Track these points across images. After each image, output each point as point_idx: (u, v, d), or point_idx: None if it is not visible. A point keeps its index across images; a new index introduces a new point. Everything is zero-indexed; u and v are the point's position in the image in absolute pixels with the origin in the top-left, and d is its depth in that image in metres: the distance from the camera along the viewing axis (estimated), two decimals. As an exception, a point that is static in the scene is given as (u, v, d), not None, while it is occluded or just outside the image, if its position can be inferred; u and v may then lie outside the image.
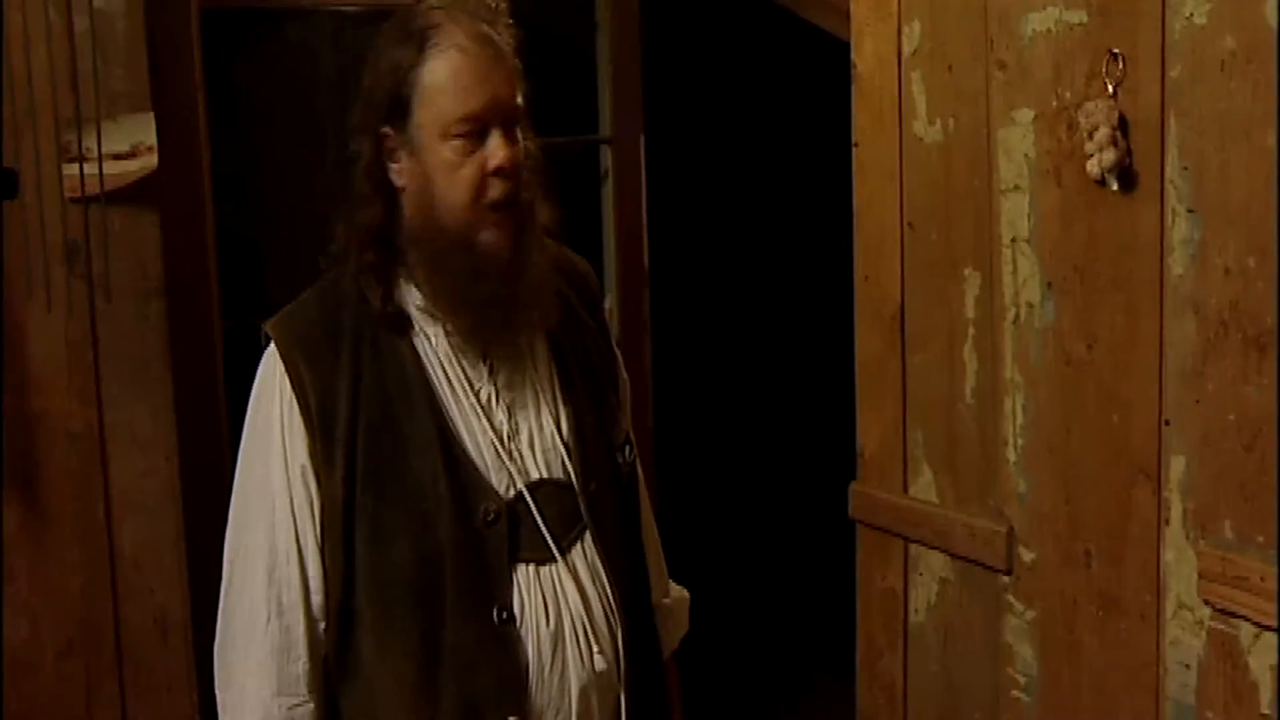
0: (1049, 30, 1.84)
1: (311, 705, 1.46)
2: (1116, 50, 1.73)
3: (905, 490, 2.22)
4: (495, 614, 1.45)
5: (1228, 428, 1.65)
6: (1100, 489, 1.84)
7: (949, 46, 2.03)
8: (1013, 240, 1.94)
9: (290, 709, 1.45)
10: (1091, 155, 1.74)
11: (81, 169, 1.79)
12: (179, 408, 1.91)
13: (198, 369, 2.07)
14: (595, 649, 1.49)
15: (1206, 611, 1.70)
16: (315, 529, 1.45)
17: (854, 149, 2.26)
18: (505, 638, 1.45)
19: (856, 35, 2.22)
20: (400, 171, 1.48)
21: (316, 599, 1.46)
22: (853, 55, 2.24)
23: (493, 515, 1.47)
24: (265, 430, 1.46)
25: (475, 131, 1.43)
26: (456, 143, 1.43)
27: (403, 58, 1.45)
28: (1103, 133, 1.71)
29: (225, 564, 1.48)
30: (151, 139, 1.88)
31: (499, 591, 1.46)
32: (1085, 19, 1.78)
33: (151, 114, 1.89)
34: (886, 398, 2.24)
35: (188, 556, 1.90)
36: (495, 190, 1.44)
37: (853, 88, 2.25)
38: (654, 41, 3.25)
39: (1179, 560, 1.74)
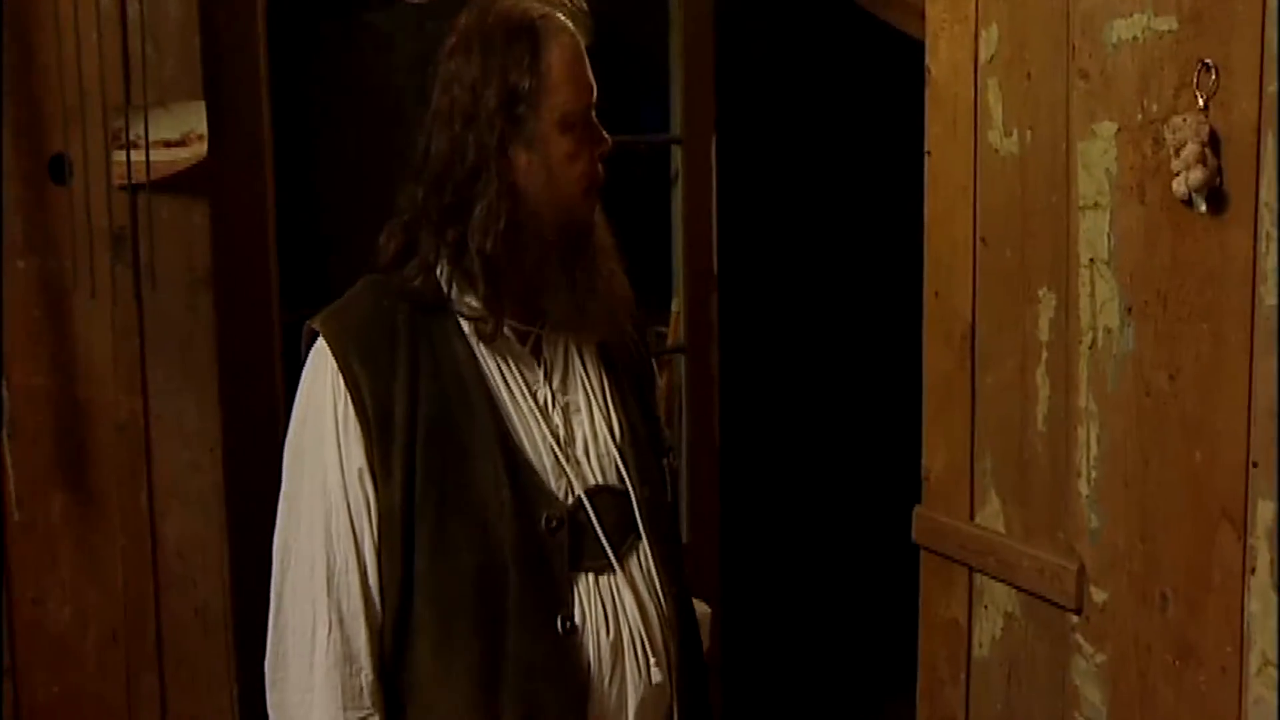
0: (1135, 38, 1.72)
1: (376, 718, 1.41)
2: (1209, 60, 1.60)
3: (971, 517, 2.11)
4: (560, 623, 1.41)
5: (1321, 473, 1.52)
6: (1180, 530, 1.72)
7: (1028, 53, 1.91)
8: (1091, 260, 1.82)
9: None
10: (1178, 173, 1.62)
11: (128, 156, 1.78)
12: (229, 401, 1.90)
13: (252, 362, 2.04)
14: (652, 660, 1.46)
15: (1292, 670, 1.58)
16: (374, 535, 1.41)
17: (926, 158, 2.16)
18: (568, 648, 1.42)
19: (931, 38, 2.11)
20: (515, 166, 1.43)
21: (377, 608, 1.41)
22: (927, 59, 2.13)
23: (555, 522, 1.43)
24: (318, 431, 1.42)
25: (587, 121, 1.44)
26: (573, 133, 1.43)
27: (517, 51, 1.43)
28: (1190, 149, 1.59)
29: (276, 571, 1.44)
30: (203, 127, 1.86)
31: (562, 600, 1.42)
32: (1175, 26, 1.66)
33: (203, 102, 1.88)
34: (955, 419, 2.13)
35: (231, 550, 1.88)
36: (599, 176, 1.46)
37: (926, 93, 2.14)
38: (729, 41, 3.17)
39: (1265, 613, 1.62)
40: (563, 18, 1.45)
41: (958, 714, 2.18)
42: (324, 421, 1.42)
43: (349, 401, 1.41)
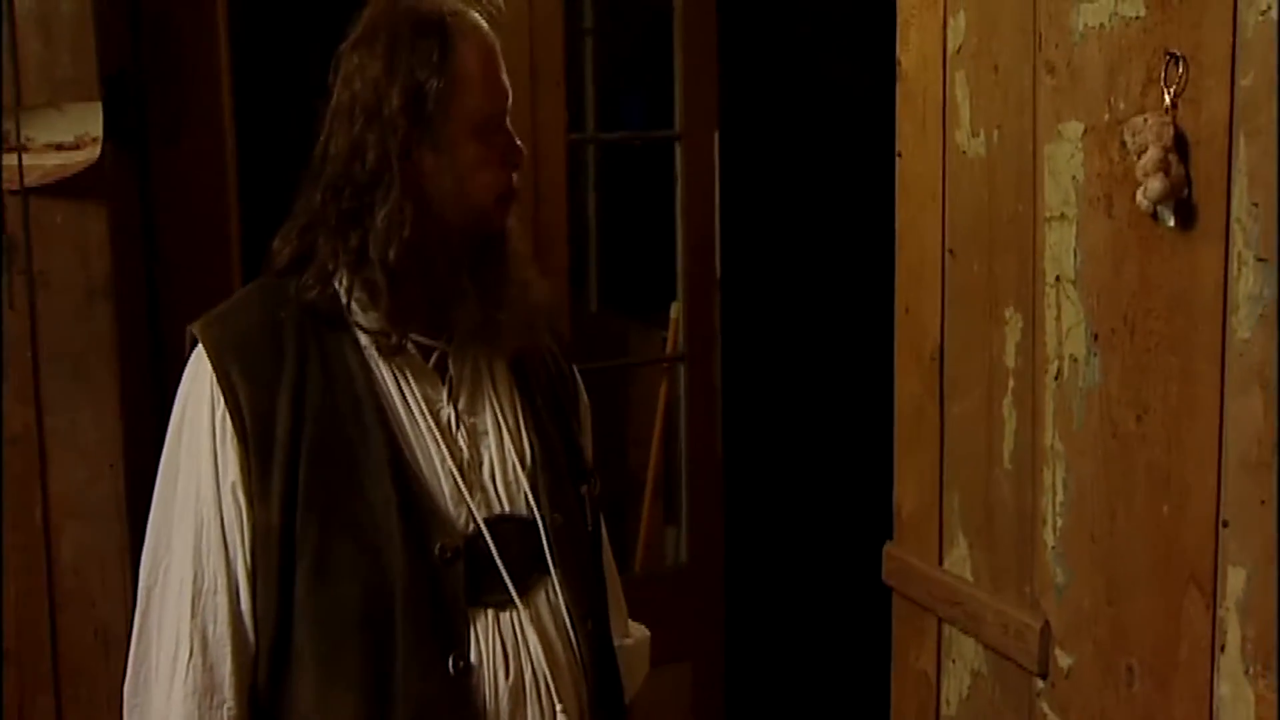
0: (1102, 25, 1.49)
1: None
2: (1176, 51, 1.37)
3: (940, 561, 1.90)
4: (451, 663, 1.30)
5: (1298, 539, 1.29)
6: (1147, 594, 1.49)
7: (995, 43, 1.69)
8: (1057, 279, 1.60)
9: None
10: (1140, 183, 1.39)
11: (20, 160, 1.70)
12: (132, 414, 1.81)
13: (158, 373, 1.95)
14: (559, 706, 1.33)
15: (1265, 767, 1.34)
16: (246, 555, 1.30)
17: (897, 160, 1.94)
18: (462, 689, 1.30)
19: (902, 26, 1.90)
20: (420, 170, 1.33)
21: (249, 635, 1.30)
22: (897, 50, 1.91)
23: (450, 553, 1.31)
24: (194, 443, 1.32)
25: (500, 126, 1.35)
26: (484, 139, 1.34)
27: (424, 51, 1.32)
28: (1151, 155, 1.36)
29: (141, 590, 1.33)
30: (98, 130, 1.77)
31: (456, 638, 1.31)
32: (1143, 12, 1.42)
33: (99, 104, 1.79)
34: (923, 450, 1.92)
35: (132, 568, 1.78)
36: (510, 183, 1.37)
37: (897, 89, 1.92)
38: (734, 33, 2.97)
39: (1235, 697, 1.38)
40: (476, 17, 1.34)
41: (927, 775, 1.98)
42: (199, 432, 1.32)
43: (226, 412, 1.31)
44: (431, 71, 1.32)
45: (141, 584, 1.34)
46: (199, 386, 1.33)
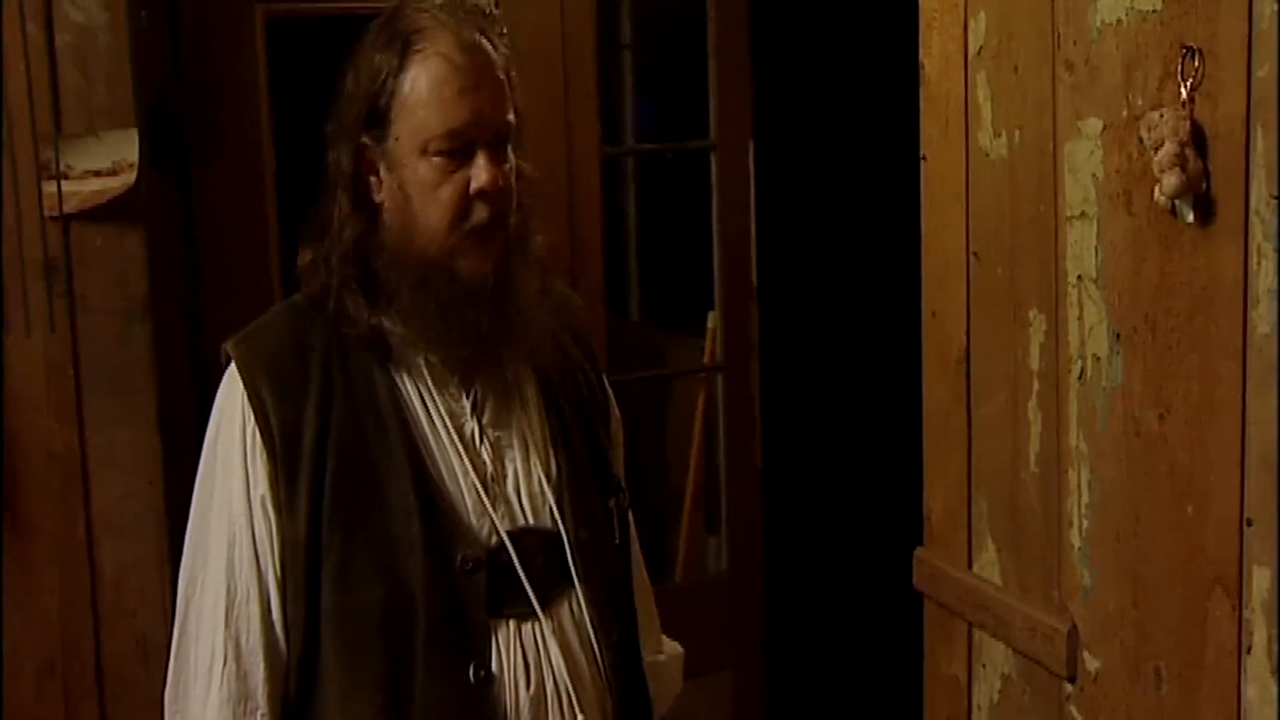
0: (1119, 21, 1.47)
1: None
2: (1192, 45, 1.36)
3: (969, 565, 1.88)
4: (472, 672, 1.32)
5: (1322, 538, 1.26)
6: (1172, 596, 1.47)
7: (1015, 43, 1.68)
8: (1079, 278, 1.58)
9: None
10: (1158, 179, 1.38)
11: (59, 186, 1.76)
12: (170, 430, 1.85)
13: (202, 391, 2.00)
14: (580, 716, 1.35)
15: (1294, 772, 1.31)
16: (277, 567, 1.33)
17: (922, 163, 1.93)
18: (481, 699, 1.32)
19: (924, 30, 1.89)
20: (379, 186, 1.35)
21: (280, 644, 1.34)
22: (920, 53, 1.91)
23: (471, 564, 1.33)
24: (226, 457, 1.36)
25: (458, 149, 1.31)
26: (437, 160, 1.31)
27: (384, 62, 1.33)
28: (1167, 150, 1.34)
29: (179, 600, 1.38)
30: (134, 156, 1.83)
31: (476, 648, 1.33)
32: (1159, 6, 1.41)
33: (135, 130, 1.84)
34: (951, 455, 1.91)
35: (171, 580, 1.83)
36: (478, 214, 1.32)
37: (921, 92, 1.92)
38: (771, 43, 2.98)
39: (1262, 699, 1.35)
40: (453, 34, 1.32)
41: (960, 782, 1.95)
42: (231, 447, 1.36)
43: (255, 428, 1.34)
44: (382, 86, 1.33)
45: (180, 594, 1.39)
46: (231, 402, 1.37)
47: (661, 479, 3.31)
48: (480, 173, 1.31)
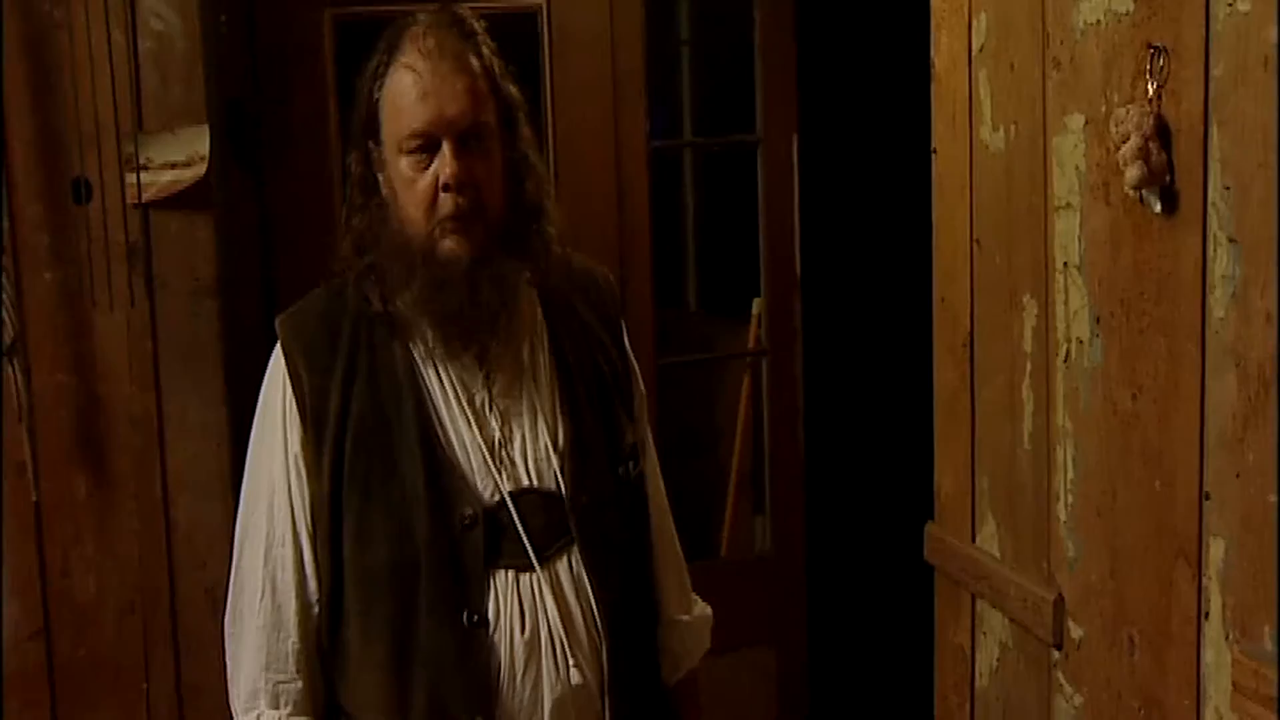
0: (1098, 21, 1.56)
1: (299, 684, 1.51)
2: (1158, 44, 1.44)
3: (973, 539, 1.98)
4: (465, 617, 1.46)
5: (1269, 510, 1.33)
6: (1144, 567, 1.55)
7: (1011, 42, 1.77)
8: (1065, 265, 1.67)
9: (277, 684, 1.51)
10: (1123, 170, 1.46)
11: (139, 178, 1.96)
12: (236, 398, 2.03)
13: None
14: (571, 661, 1.47)
15: (1245, 732, 1.39)
16: (307, 518, 1.51)
17: (933, 156, 2.03)
18: (474, 641, 1.46)
19: (935, 29, 1.98)
20: (383, 183, 1.51)
21: (310, 583, 1.51)
22: (931, 51, 2.00)
23: (469, 520, 1.48)
24: (271, 420, 1.54)
25: (427, 146, 1.45)
26: (410, 158, 1.46)
27: (373, 72, 1.50)
28: (1131, 143, 1.43)
29: (236, 540, 1.57)
30: (205, 149, 2.01)
31: (471, 596, 1.47)
32: (1132, 8, 1.49)
33: (206, 126, 2.03)
34: (958, 435, 2.00)
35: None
36: (445, 205, 1.46)
37: (932, 89, 2.01)
38: (815, 37, 3.07)
39: (1218, 665, 1.43)
40: (426, 39, 1.46)
41: (965, 748, 2.05)
42: (274, 412, 1.54)
43: (293, 396, 1.52)
44: (370, 94, 1.48)
45: (236, 537, 1.57)
46: (276, 373, 1.54)
47: (710, 459, 3.42)
48: (444, 167, 1.44)
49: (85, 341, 2.00)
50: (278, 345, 1.55)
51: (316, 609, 1.50)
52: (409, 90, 1.44)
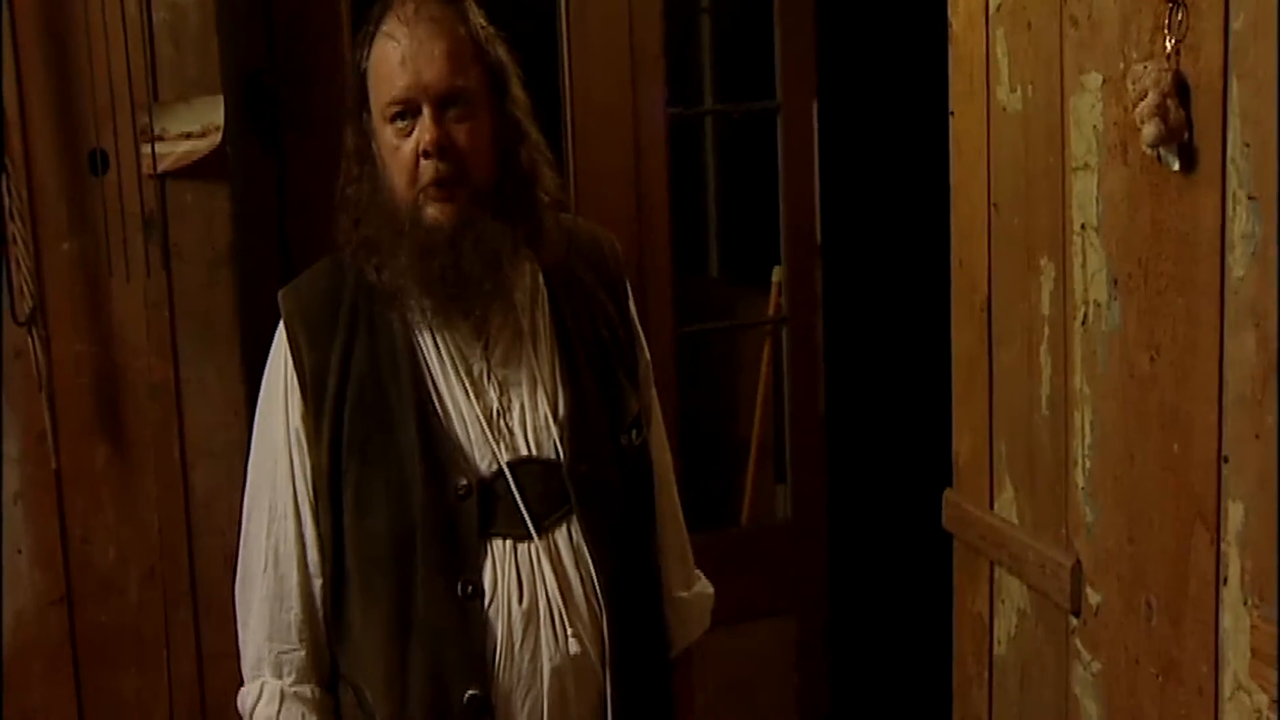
0: (1116, -24, 1.52)
1: (302, 654, 1.52)
2: (1176, -1, 1.41)
3: (991, 506, 1.96)
4: (460, 587, 1.45)
5: (1288, 472, 1.31)
6: (1162, 531, 1.53)
7: (1029, 0, 1.73)
8: (1082, 227, 1.64)
9: (280, 654, 1.52)
10: (1140, 128, 1.43)
11: (153, 149, 1.96)
12: (253, 368, 2.04)
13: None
14: (569, 631, 1.47)
15: (1264, 699, 1.37)
16: (308, 489, 1.51)
17: (950, 118, 2.00)
18: (470, 611, 1.46)
19: (953, -12, 1.95)
20: (375, 153, 1.51)
21: (312, 554, 1.52)
22: (948, 11, 1.97)
23: (464, 490, 1.47)
24: (273, 392, 1.55)
25: (408, 113, 1.45)
26: (393, 125, 1.46)
27: (360, 42, 1.50)
28: (1149, 100, 1.40)
29: (245, 510, 1.58)
30: (219, 120, 2.01)
31: (467, 565, 1.46)
32: (1150, -40, 1.46)
33: (221, 97, 2.03)
34: (976, 399, 1.98)
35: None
36: (426, 171, 1.45)
37: (949, 50, 1.98)
38: (835, 3, 3.03)
39: (1236, 629, 1.42)
40: (395, 14, 1.45)
41: (982, 715, 2.04)
42: (276, 384, 1.54)
43: (294, 368, 1.52)
44: (360, 60, 1.48)
45: (244, 507, 1.57)
46: (279, 346, 1.54)
47: (731, 427, 3.41)
48: (424, 133, 1.43)
49: (103, 312, 2.01)
50: (281, 320, 1.55)
51: (319, 580, 1.51)
52: (390, 58, 1.44)
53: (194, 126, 2.01)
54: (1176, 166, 1.43)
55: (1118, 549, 1.62)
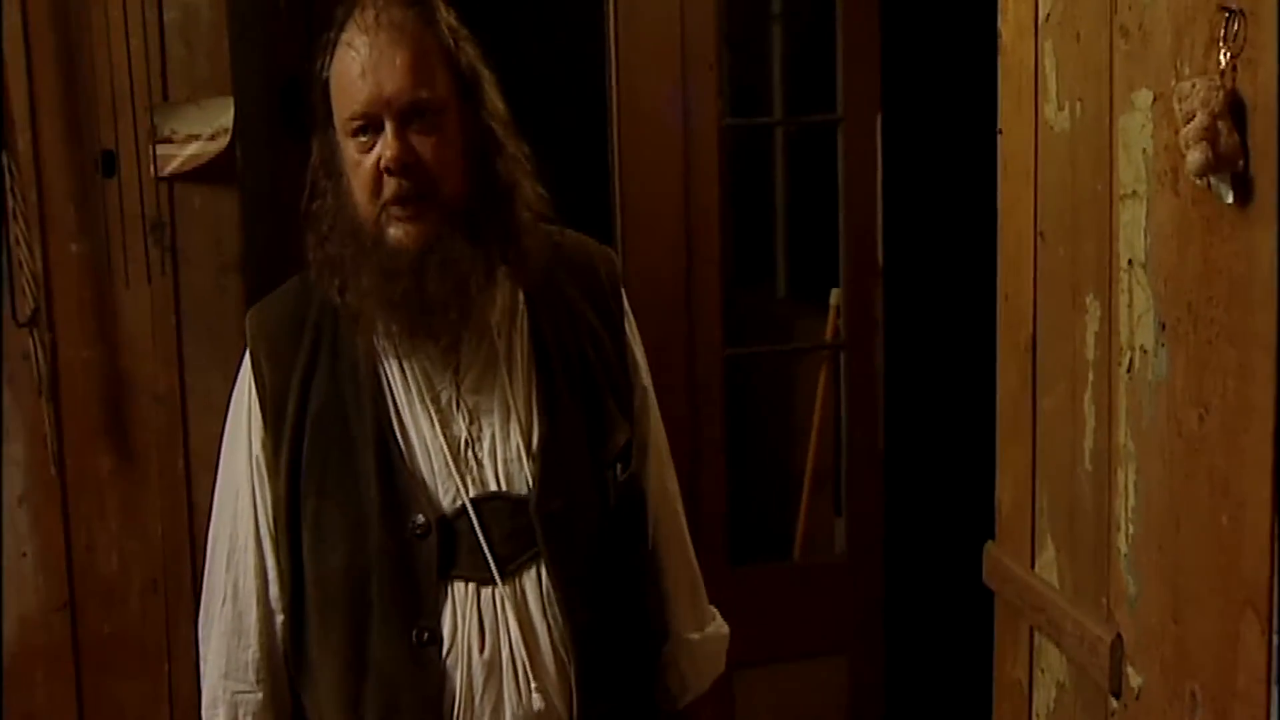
0: (1170, -19, 1.34)
1: (259, 696, 1.44)
2: (1233, 6, 1.22)
3: (1032, 565, 1.78)
4: (415, 634, 1.36)
5: (1349, 560, 1.12)
6: (1209, 613, 1.34)
7: (1078, 8, 1.55)
8: (1129, 263, 1.46)
9: (235, 694, 1.45)
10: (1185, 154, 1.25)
11: (153, 151, 1.92)
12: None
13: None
14: (534, 685, 1.36)
15: (1317, 815, 1.18)
16: (269, 520, 1.44)
17: (999, 138, 1.82)
18: (426, 659, 1.36)
19: (1003, -5, 1.78)
20: (340, 167, 1.42)
21: (273, 589, 1.44)
22: (999, 23, 1.79)
23: (421, 528, 1.37)
24: (237, 417, 1.48)
25: (370, 127, 1.36)
26: (355, 140, 1.37)
27: (321, 51, 1.41)
28: (1196, 123, 1.21)
29: (210, 541, 1.51)
30: (229, 122, 1.96)
31: (424, 610, 1.37)
32: (1206, -36, 1.27)
33: (231, 98, 1.97)
34: (1020, 446, 1.80)
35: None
36: (388, 188, 1.36)
37: (999, 62, 1.80)
38: (901, 10, 2.85)
39: (1288, 734, 1.22)
40: (355, 23, 1.37)
41: (1020, 792, 1.86)
42: (240, 411, 1.48)
43: (256, 394, 1.45)
44: (322, 70, 1.40)
45: (209, 535, 1.50)
46: (244, 369, 1.48)
47: (787, 455, 3.26)
48: (385, 149, 1.34)
49: (109, 316, 1.98)
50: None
51: (280, 616, 1.43)
52: (349, 69, 1.35)
53: (203, 129, 1.97)
54: (1230, 199, 1.24)
55: (1161, 628, 1.43)
